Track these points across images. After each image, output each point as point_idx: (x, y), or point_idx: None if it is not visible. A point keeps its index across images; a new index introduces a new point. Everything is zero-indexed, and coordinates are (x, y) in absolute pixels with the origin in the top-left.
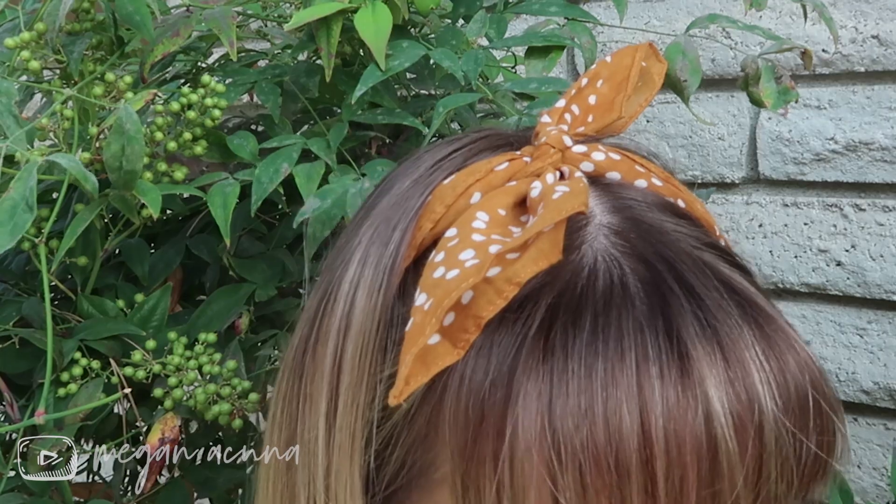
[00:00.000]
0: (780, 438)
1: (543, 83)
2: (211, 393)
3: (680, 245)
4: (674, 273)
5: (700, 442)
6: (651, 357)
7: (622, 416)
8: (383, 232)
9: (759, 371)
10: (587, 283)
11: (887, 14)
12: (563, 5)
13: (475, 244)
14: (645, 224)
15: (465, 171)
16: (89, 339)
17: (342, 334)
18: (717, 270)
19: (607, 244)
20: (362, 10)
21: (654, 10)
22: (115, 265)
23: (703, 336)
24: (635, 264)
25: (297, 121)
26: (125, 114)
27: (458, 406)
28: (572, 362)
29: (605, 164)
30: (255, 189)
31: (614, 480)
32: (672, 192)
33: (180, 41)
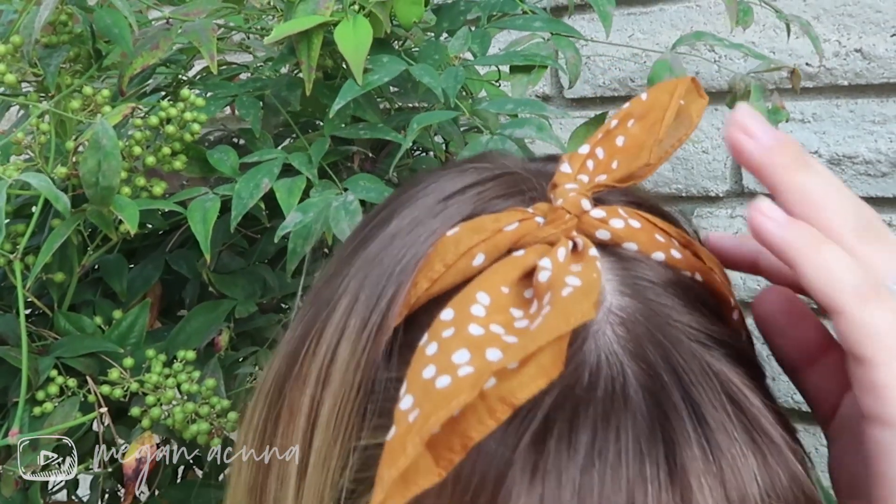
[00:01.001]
0: None
1: (520, 105)
2: (189, 412)
3: (689, 345)
4: (679, 385)
5: None
6: (650, 493)
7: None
8: (375, 280)
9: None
10: (587, 389)
11: (870, 28)
12: (548, 20)
13: (472, 341)
14: (654, 312)
15: (470, 225)
16: (66, 356)
17: (321, 386)
18: (725, 382)
19: (612, 339)
20: (343, 23)
21: (639, 23)
22: (93, 281)
23: (706, 468)
24: (639, 369)
25: (279, 134)
26: (101, 129)
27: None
28: (566, 484)
29: (624, 233)
30: (235, 204)
31: None
32: (690, 263)
33: (160, 54)
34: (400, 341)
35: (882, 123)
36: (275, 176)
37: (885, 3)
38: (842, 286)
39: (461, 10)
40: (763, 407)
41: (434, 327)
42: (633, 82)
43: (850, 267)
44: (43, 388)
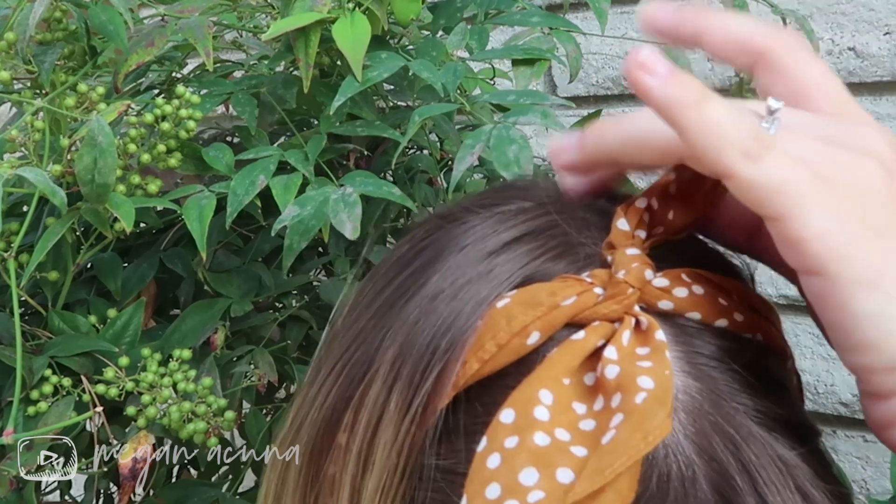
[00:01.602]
0: None
1: (522, 95)
2: (186, 411)
3: (758, 435)
4: (753, 489)
5: None
6: None
7: None
8: (417, 353)
9: None
10: (659, 494)
11: (864, 26)
12: (545, 15)
13: (539, 456)
14: (720, 399)
15: (523, 298)
16: (60, 355)
17: (361, 467)
18: (796, 477)
19: (678, 429)
20: (341, 20)
21: (632, 22)
22: (87, 279)
23: None
24: (709, 469)
25: (274, 132)
26: (97, 126)
27: None
28: None
29: (687, 302)
30: (231, 201)
31: None
32: (752, 324)
33: (155, 51)
34: (448, 425)
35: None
36: (271, 173)
37: (878, 2)
38: (726, 146)
39: (458, 6)
40: (824, 494)
41: (493, 430)
42: (626, 81)
43: (735, 122)
44: (37, 387)
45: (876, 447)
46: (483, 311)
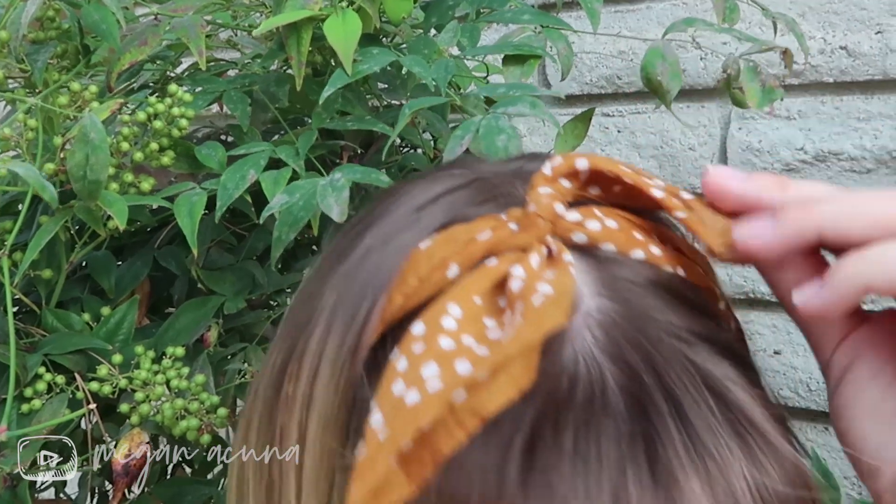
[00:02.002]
0: None
1: (512, 88)
2: (179, 408)
3: (670, 343)
4: (661, 386)
5: None
6: (631, 492)
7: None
8: (350, 298)
9: (748, 499)
10: (567, 396)
11: (856, 25)
12: (536, 13)
13: (441, 355)
14: (634, 312)
15: (443, 236)
16: (54, 353)
17: (305, 409)
18: (708, 377)
19: (591, 342)
20: (332, 17)
21: (625, 21)
22: (81, 277)
23: (690, 464)
24: (619, 371)
25: (267, 131)
26: (90, 122)
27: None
28: (552, 491)
29: (601, 234)
30: (221, 195)
31: None
32: (671, 259)
33: (148, 50)
34: (378, 358)
35: (867, 120)
36: (261, 168)
37: (869, 1)
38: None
39: (450, 5)
40: (750, 400)
41: (405, 342)
42: (619, 79)
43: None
44: (31, 385)
45: None
46: (407, 253)
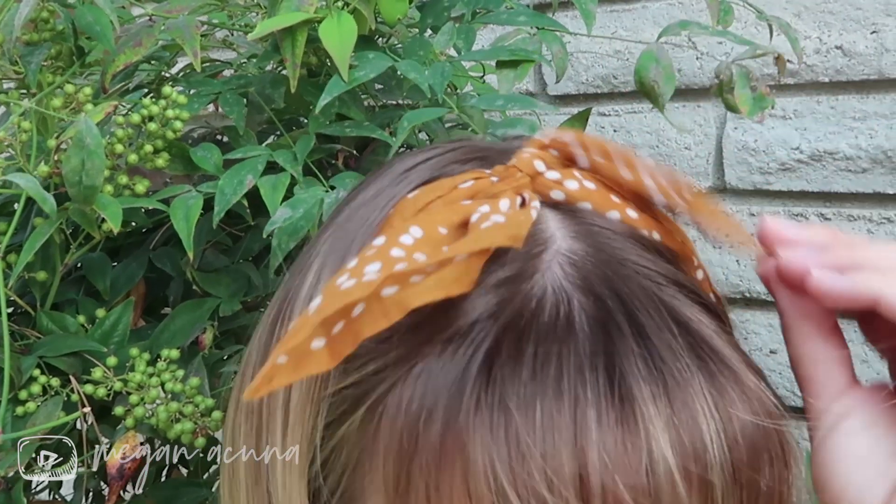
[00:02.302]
0: (727, 488)
1: (510, 101)
2: (173, 411)
3: (639, 280)
4: (625, 310)
5: (640, 489)
6: (590, 399)
7: (559, 462)
8: (341, 243)
9: (707, 418)
10: (532, 316)
11: (851, 25)
12: (532, 15)
13: (387, 259)
14: (606, 254)
15: (429, 186)
16: (49, 355)
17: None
18: (673, 309)
19: (561, 275)
20: (327, 20)
21: (621, 20)
22: (76, 279)
23: (649, 379)
24: (585, 299)
25: (263, 132)
26: (85, 128)
27: (392, 435)
28: (511, 403)
29: (578, 193)
30: (219, 200)
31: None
32: (648, 223)
33: (142, 51)
34: None
35: (862, 120)
36: (259, 173)
37: (865, 1)
38: None
39: (445, 6)
40: (716, 336)
41: (363, 250)
42: (615, 79)
43: None
44: (26, 387)
45: None
46: (396, 202)
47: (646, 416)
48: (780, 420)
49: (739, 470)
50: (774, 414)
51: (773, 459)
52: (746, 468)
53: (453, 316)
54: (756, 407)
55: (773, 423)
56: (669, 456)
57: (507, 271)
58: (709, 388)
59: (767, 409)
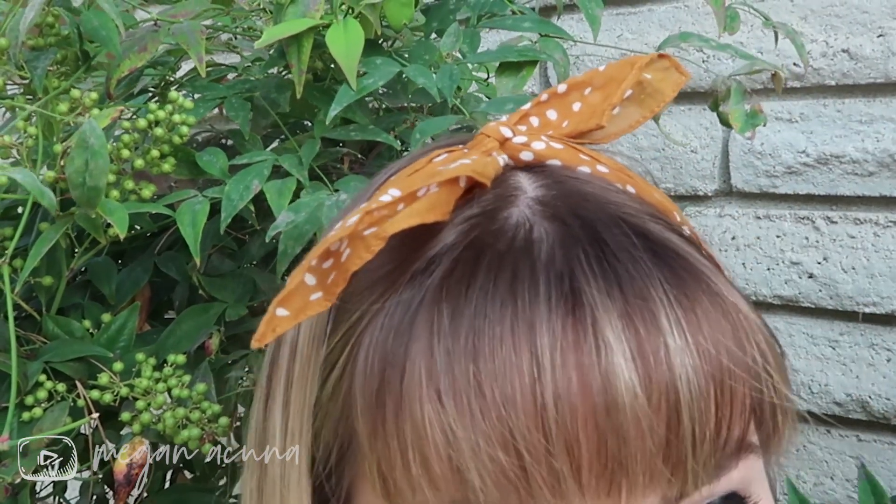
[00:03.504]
0: (696, 392)
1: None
2: (180, 417)
3: (605, 207)
4: (586, 227)
5: (590, 380)
6: (541, 294)
7: (509, 353)
8: (334, 224)
9: (666, 308)
10: (494, 240)
11: (857, 28)
12: (537, 21)
13: (367, 210)
14: (575, 192)
15: (409, 166)
16: (55, 360)
17: (297, 327)
18: (637, 225)
19: (528, 212)
20: (333, 26)
21: (627, 23)
22: (82, 284)
23: (601, 275)
24: (549, 224)
25: (268, 135)
26: (89, 128)
27: (365, 366)
28: (467, 307)
29: (546, 152)
30: (225, 206)
31: (503, 415)
32: (621, 178)
33: (147, 56)
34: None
35: (869, 123)
36: (265, 178)
37: (871, 4)
38: None
39: (451, 9)
40: (685, 246)
41: (347, 216)
42: None
43: None
44: (32, 392)
45: (870, 446)
46: (380, 184)
47: (597, 307)
48: (758, 319)
49: (710, 372)
50: (750, 316)
51: (753, 360)
52: (718, 369)
53: (423, 251)
54: (728, 307)
55: (746, 351)
56: (622, 345)
57: (477, 209)
58: (667, 280)
59: (742, 311)
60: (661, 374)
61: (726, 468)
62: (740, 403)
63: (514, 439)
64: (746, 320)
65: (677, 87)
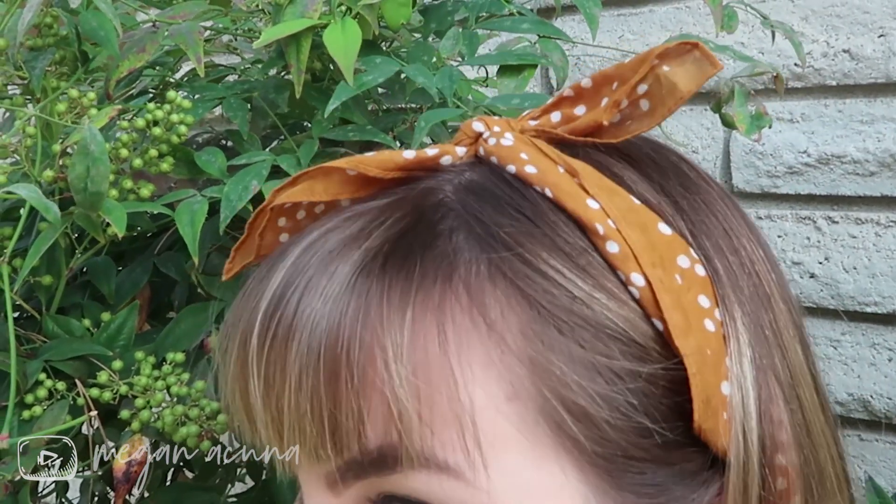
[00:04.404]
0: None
1: (526, 99)
2: (179, 414)
3: (529, 192)
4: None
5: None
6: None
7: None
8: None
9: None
10: (424, 217)
11: (858, 29)
12: (536, 22)
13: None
14: (497, 181)
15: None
16: (54, 359)
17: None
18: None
19: (451, 192)
20: (331, 26)
21: (628, 24)
22: (82, 283)
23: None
24: (456, 202)
25: (267, 136)
26: (90, 134)
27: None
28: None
29: (509, 152)
30: (224, 207)
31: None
32: (541, 180)
33: (146, 57)
34: None
35: (870, 123)
36: (263, 178)
37: (872, 4)
38: None
39: (448, 10)
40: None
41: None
42: None
43: None
44: (32, 391)
45: (872, 446)
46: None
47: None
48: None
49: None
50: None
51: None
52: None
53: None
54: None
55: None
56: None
57: (386, 195)
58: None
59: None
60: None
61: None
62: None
63: None
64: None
65: (704, 79)
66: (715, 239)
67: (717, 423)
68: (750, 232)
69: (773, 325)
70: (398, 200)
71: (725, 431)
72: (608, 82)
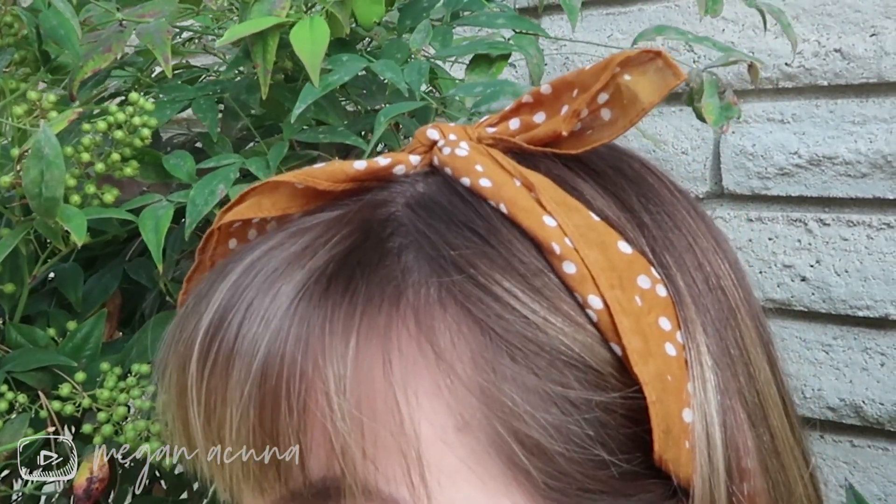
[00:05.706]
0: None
1: (490, 86)
2: (141, 429)
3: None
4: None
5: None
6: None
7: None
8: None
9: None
10: (374, 231)
11: (850, 28)
12: (511, 17)
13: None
14: (447, 198)
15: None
16: (17, 370)
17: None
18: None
19: (401, 205)
20: (299, 24)
21: (617, 23)
22: (49, 291)
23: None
24: (412, 220)
25: (242, 138)
26: (44, 137)
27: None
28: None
29: (463, 162)
30: (190, 211)
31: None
32: (495, 195)
33: (112, 57)
34: None
35: (862, 124)
36: (231, 182)
37: (864, 3)
38: None
39: (424, 6)
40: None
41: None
42: None
43: None
44: None
45: (863, 452)
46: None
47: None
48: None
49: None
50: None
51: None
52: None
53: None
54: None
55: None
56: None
57: (336, 207)
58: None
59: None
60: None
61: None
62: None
63: None
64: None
65: (666, 90)
66: (679, 254)
67: (680, 452)
68: (717, 245)
69: (739, 344)
70: (346, 214)
71: (688, 461)
72: (568, 89)
